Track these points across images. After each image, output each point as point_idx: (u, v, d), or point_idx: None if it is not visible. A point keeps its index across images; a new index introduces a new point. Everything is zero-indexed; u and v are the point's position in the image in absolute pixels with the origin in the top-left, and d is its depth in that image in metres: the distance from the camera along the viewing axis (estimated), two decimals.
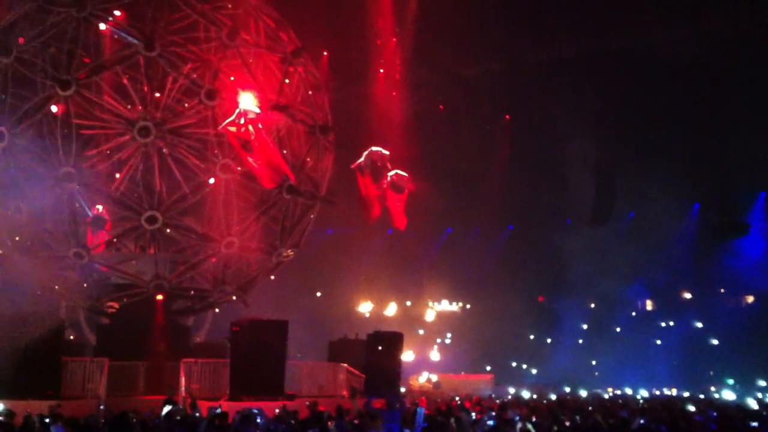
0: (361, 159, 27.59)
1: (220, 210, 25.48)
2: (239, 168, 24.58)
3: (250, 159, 22.30)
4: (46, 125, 24.28)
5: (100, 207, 26.53)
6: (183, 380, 23.56)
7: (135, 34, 24.45)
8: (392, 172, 27.90)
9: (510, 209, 51.01)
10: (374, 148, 27.85)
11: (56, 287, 26.16)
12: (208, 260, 26.19)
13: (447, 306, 57.93)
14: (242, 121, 21.57)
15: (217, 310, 29.83)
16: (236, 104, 22.08)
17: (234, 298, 27.95)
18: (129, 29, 24.94)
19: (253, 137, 21.67)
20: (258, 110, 22.10)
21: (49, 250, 25.15)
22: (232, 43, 24.86)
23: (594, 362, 51.10)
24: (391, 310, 53.50)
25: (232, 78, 25.79)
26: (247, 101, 22.07)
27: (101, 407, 20.40)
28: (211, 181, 25.33)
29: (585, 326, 53.91)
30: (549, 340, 54.90)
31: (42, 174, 23.76)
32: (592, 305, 54.17)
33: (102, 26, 25.31)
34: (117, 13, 25.20)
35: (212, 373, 24.48)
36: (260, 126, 22.03)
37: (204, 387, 24.02)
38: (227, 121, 21.91)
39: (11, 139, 23.51)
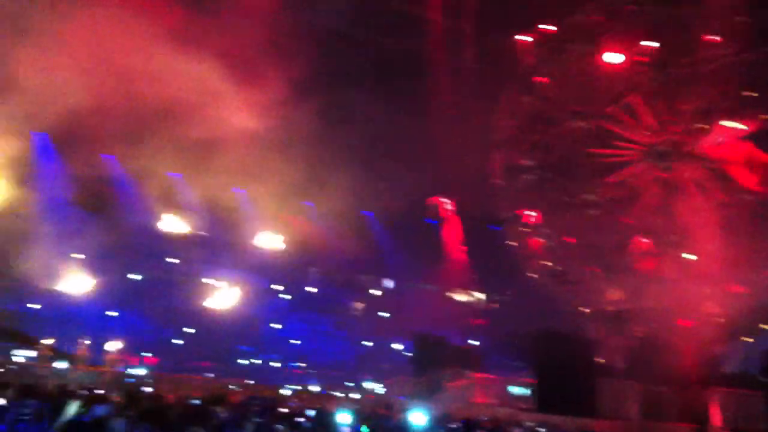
0: None
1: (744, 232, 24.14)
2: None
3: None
4: (568, 156, 26.13)
5: None
6: (713, 411, 22.73)
7: (647, 61, 24.82)
8: None
9: None
10: None
11: (587, 311, 27.50)
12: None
13: None
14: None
15: (750, 339, 28.06)
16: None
17: None
18: (641, 59, 25.42)
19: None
20: (740, 126, 20.79)
21: (574, 273, 26.77)
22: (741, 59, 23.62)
23: None
24: None
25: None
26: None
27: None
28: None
29: None
30: None
31: (565, 202, 25.60)
32: None
33: (613, 58, 26.07)
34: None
35: (744, 405, 23.12)
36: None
37: (735, 418, 22.82)
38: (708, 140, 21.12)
39: (538, 170, 25.79)
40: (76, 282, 34.61)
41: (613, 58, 25.92)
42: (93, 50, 26.10)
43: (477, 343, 35.51)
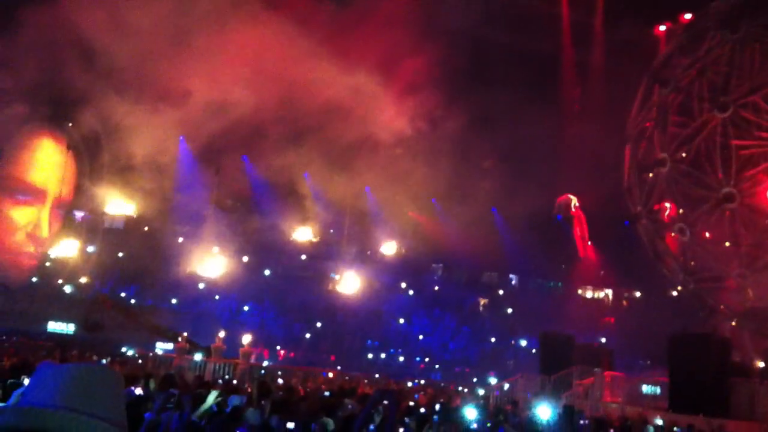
0: None
1: None
2: None
3: None
4: (704, 149, 24.99)
5: None
6: None
7: None
8: None
9: None
10: None
11: (721, 307, 26.34)
12: None
13: None
14: None
15: None
16: None
17: None
18: None
19: None
20: None
21: (711, 270, 25.60)
22: None
23: None
24: None
25: None
26: None
27: None
28: None
29: None
30: None
31: (702, 196, 24.56)
32: None
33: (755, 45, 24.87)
34: None
35: None
36: None
37: None
38: None
39: (673, 164, 24.86)
40: (213, 278, 36.25)
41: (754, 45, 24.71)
42: (248, 61, 27.36)
43: (605, 340, 34.63)
